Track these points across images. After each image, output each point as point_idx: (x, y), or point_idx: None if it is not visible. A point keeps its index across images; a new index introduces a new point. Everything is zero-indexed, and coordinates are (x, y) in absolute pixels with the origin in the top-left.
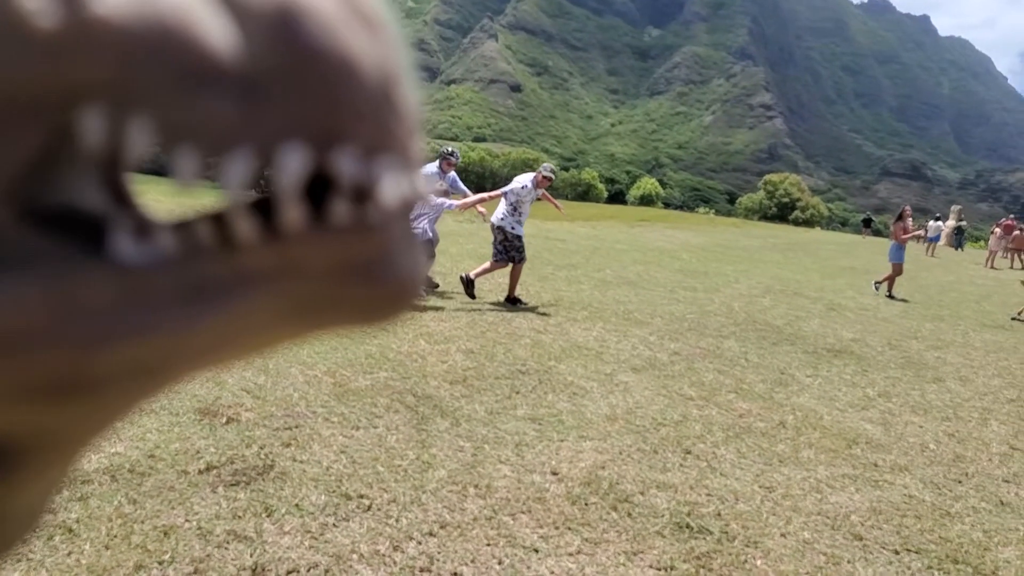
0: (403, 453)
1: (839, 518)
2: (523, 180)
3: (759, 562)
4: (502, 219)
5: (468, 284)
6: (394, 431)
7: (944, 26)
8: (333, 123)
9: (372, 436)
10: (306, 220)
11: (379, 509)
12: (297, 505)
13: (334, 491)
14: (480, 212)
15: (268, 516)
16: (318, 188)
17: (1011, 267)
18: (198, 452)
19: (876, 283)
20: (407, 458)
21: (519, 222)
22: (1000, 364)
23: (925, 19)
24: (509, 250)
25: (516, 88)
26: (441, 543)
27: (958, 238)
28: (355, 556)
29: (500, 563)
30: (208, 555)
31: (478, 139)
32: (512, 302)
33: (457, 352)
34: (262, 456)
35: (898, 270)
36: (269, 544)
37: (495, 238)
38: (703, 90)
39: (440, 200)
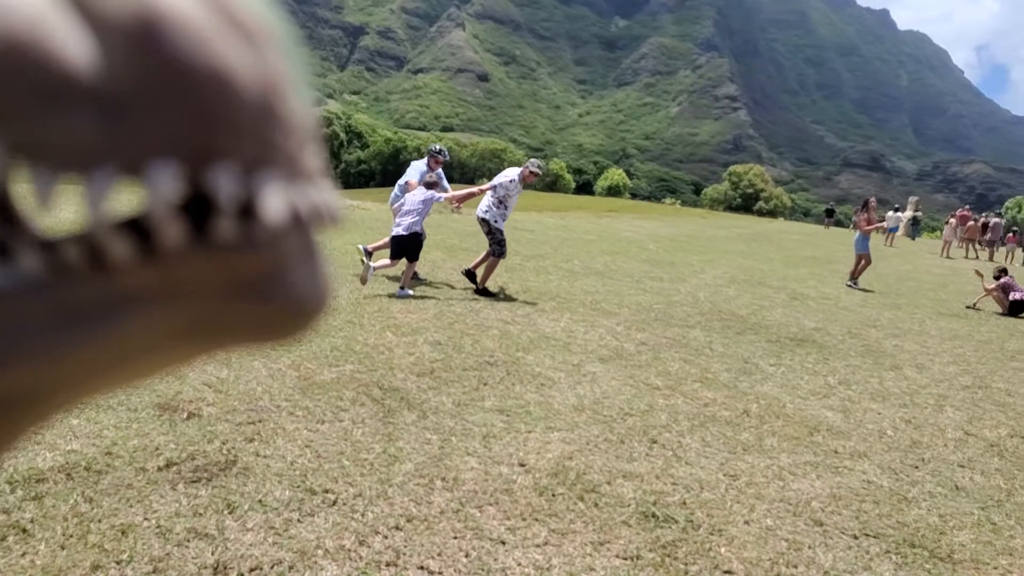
0: (369, 446)
1: (800, 504)
2: (510, 174)
3: (723, 550)
4: (486, 211)
5: (481, 292)
6: (360, 424)
7: (903, 20)
8: (206, 139)
9: (338, 430)
10: (186, 238)
11: (344, 503)
12: (260, 501)
13: (298, 486)
14: (457, 208)
15: (230, 513)
16: (203, 204)
17: (965, 257)
18: (157, 448)
19: (870, 283)
20: (373, 451)
21: (503, 216)
22: (955, 352)
23: (884, 13)
24: (491, 243)
25: (484, 77)
26: (407, 537)
27: (914, 228)
28: (320, 552)
29: (467, 556)
30: (168, 554)
31: (446, 129)
32: (481, 293)
33: (424, 344)
34: (224, 451)
35: (866, 260)
36: (231, 541)
37: (481, 229)
38: (670, 81)
39: (429, 193)
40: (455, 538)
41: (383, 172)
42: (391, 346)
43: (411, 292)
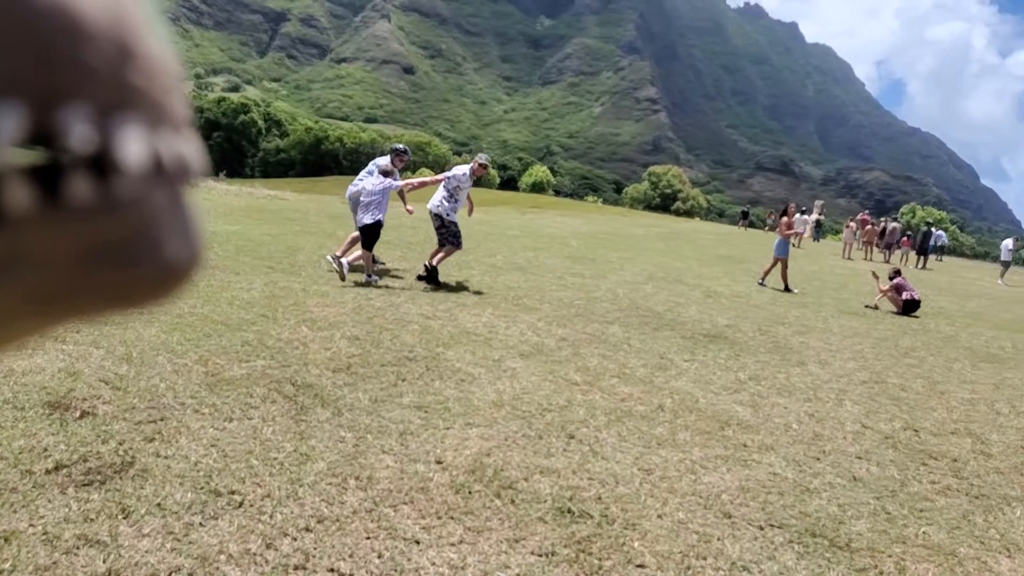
0: (280, 445)
1: (711, 497)
2: (463, 168)
3: (636, 544)
4: (438, 205)
5: (431, 279)
6: (270, 422)
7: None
8: (52, 78)
9: (246, 428)
10: (35, 202)
11: (251, 505)
12: (159, 504)
13: (202, 488)
14: (408, 210)
15: (125, 518)
16: (55, 166)
17: (865, 258)
18: (46, 450)
19: (788, 286)
20: (284, 450)
21: (454, 209)
22: (855, 348)
23: (793, 26)
24: (446, 235)
25: (409, 70)
26: (318, 538)
27: (817, 231)
28: (223, 557)
29: (380, 556)
30: (55, 562)
31: (369, 120)
32: (430, 278)
33: (341, 339)
34: (120, 453)
35: (783, 263)
36: (125, 548)
37: (433, 224)
38: (593, 81)
39: (387, 182)
40: (368, 538)
41: (303, 162)
42: (306, 341)
43: (377, 279)
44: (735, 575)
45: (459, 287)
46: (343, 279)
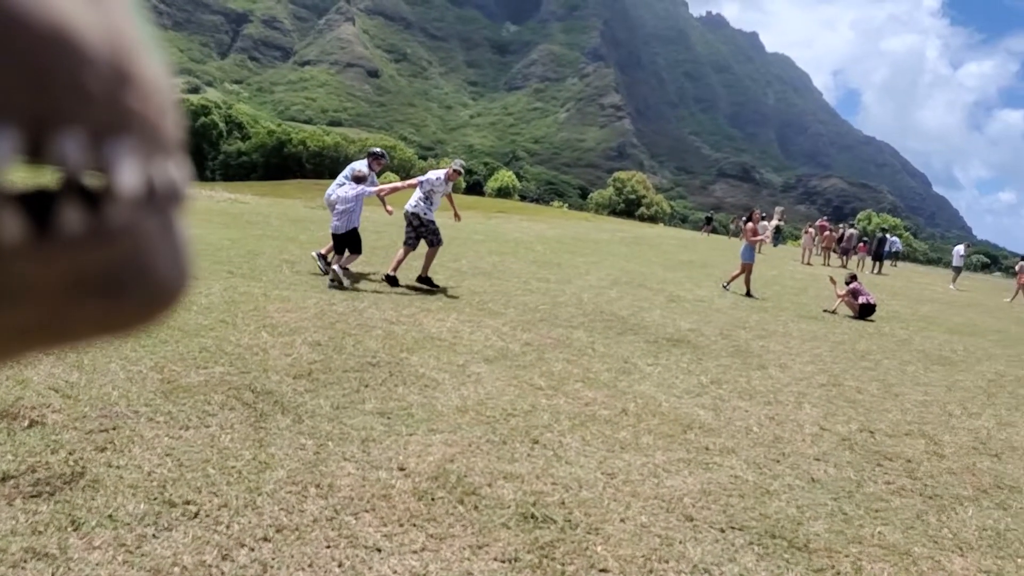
0: (238, 454)
1: (673, 501)
2: (437, 173)
3: (599, 548)
4: (415, 206)
5: (392, 281)
6: (229, 430)
7: (770, 43)
8: (47, 102)
9: (203, 436)
10: (25, 231)
11: (207, 515)
12: (110, 516)
13: (155, 498)
14: (388, 211)
15: (75, 530)
16: (46, 196)
17: (823, 264)
18: None
19: (749, 291)
20: (242, 459)
21: (431, 209)
22: (814, 352)
23: (754, 35)
24: (426, 235)
25: (374, 73)
26: (276, 548)
27: (777, 236)
28: (176, 569)
29: (340, 565)
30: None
31: (333, 123)
32: (425, 282)
33: (303, 344)
34: (71, 463)
35: (748, 268)
36: (75, 561)
37: (409, 224)
38: (558, 87)
39: (360, 188)
40: (328, 547)
41: (266, 165)
42: (266, 347)
43: (347, 282)
44: None
45: (423, 292)
46: (341, 286)
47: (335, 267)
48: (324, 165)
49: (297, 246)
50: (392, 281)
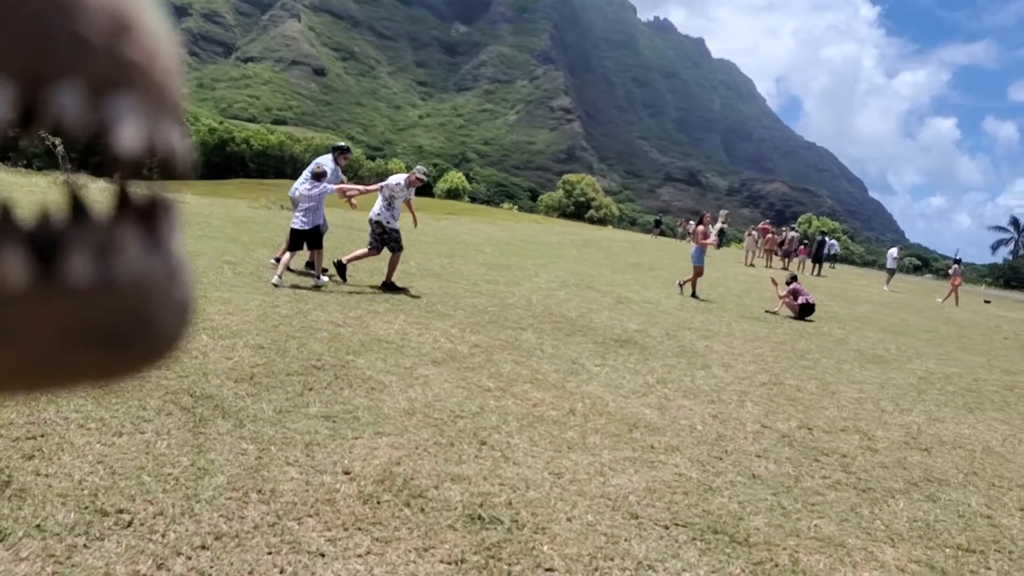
0: (175, 460)
1: (619, 499)
2: (398, 178)
3: (546, 548)
4: (378, 214)
5: (340, 268)
6: (165, 436)
7: (716, 49)
8: (44, 53)
9: (138, 443)
10: (32, 277)
11: (142, 524)
12: (38, 526)
13: (86, 507)
14: (352, 205)
15: (1, 541)
16: (50, 242)
17: (766, 265)
18: None
19: (695, 292)
20: (179, 465)
21: (393, 216)
22: (756, 352)
23: (700, 41)
24: (388, 241)
25: (320, 72)
26: (215, 556)
27: (721, 238)
28: None
29: (282, 572)
30: None
31: (278, 122)
32: (389, 288)
33: (244, 347)
34: None
35: (699, 271)
36: (1, 573)
37: (372, 231)
38: (508, 89)
39: (322, 186)
40: (269, 554)
41: (207, 164)
42: (206, 350)
43: (325, 280)
44: (641, 574)
45: (371, 294)
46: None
47: (281, 264)
48: (269, 165)
49: (240, 247)
50: (340, 268)
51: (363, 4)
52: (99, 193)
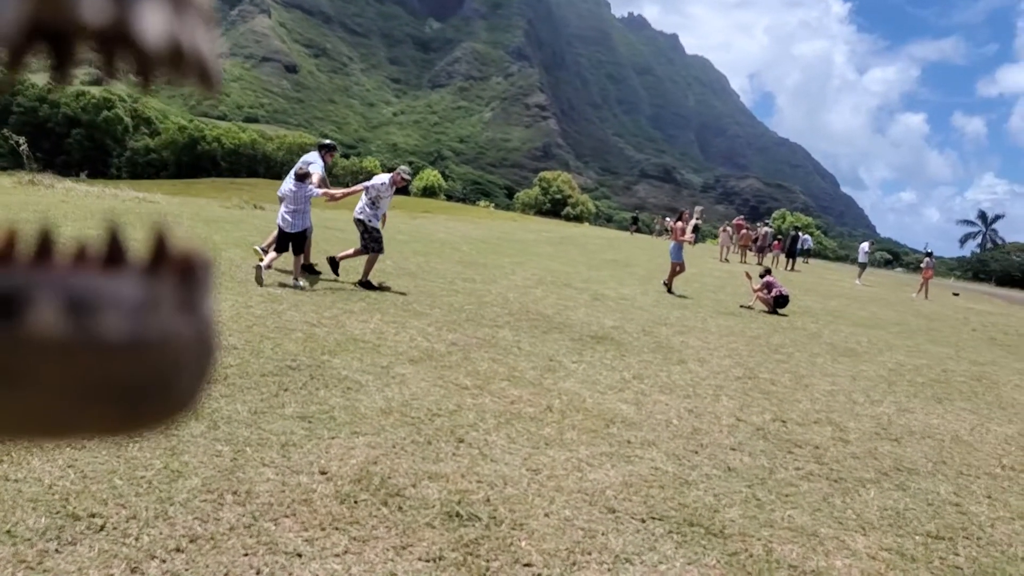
0: (148, 463)
1: (596, 494)
2: (382, 178)
3: (524, 543)
4: (361, 213)
5: (333, 264)
6: (137, 439)
7: (690, 45)
8: None
9: (109, 446)
10: (64, 327)
11: (115, 528)
12: (8, 532)
13: (58, 512)
14: (336, 198)
15: None
16: (86, 293)
17: (740, 261)
18: None
19: (670, 288)
20: (152, 468)
21: (376, 216)
22: (731, 346)
23: (674, 37)
24: (368, 241)
25: (292, 68)
26: (190, 558)
27: (696, 235)
28: None
29: (259, 573)
30: None
31: (249, 119)
32: (365, 286)
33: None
34: None
35: (679, 267)
36: None
37: (357, 229)
38: (483, 86)
39: (307, 189)
40: (245, 555)
41: (177, 163)
42: None
43: (303, 284)
44: (618, 567)
45: (346, 293)
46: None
47: (263, 265)
48: (240, 164)
49: (211, 247)
50: (333, 264)
51: (334, 0)
52: (138, 240)
